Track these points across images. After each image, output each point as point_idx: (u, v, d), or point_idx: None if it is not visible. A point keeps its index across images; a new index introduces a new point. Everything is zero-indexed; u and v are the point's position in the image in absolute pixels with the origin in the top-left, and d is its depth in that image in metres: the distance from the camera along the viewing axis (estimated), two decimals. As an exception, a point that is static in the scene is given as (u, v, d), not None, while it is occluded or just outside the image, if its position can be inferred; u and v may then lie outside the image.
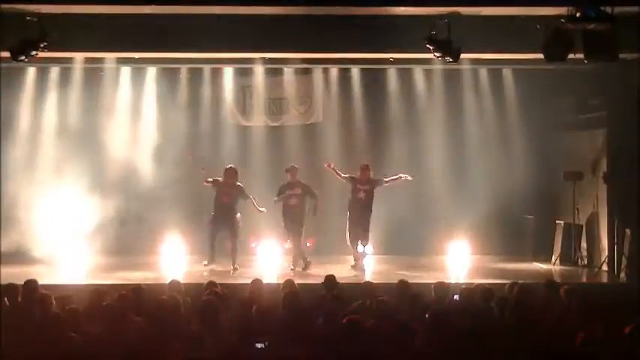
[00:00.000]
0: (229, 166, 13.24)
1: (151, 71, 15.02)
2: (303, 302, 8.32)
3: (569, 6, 9.54)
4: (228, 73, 15.29)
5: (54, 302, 8.16)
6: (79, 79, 14.71)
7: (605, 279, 12.73)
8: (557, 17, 9.79)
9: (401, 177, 13.47)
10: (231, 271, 12.83)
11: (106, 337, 6.45)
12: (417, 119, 15.43)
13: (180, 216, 14.68)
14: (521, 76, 14.89)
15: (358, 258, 13.34)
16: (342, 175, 13.48)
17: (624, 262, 12.63)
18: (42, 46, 10.57)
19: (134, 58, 13.74)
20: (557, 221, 14.51)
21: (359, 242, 13.34)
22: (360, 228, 13.33)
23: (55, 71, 14.66)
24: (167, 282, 9.58)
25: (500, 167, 15.11)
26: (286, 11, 10.70)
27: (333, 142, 15.45)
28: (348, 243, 13.47)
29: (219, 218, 13.02)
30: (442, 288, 9.18)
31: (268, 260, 13.96)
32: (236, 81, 15.43)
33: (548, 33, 10.05)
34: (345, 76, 15.37)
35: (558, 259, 14.16)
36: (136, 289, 8.79)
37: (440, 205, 15.14)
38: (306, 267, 13.15)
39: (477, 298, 8.56)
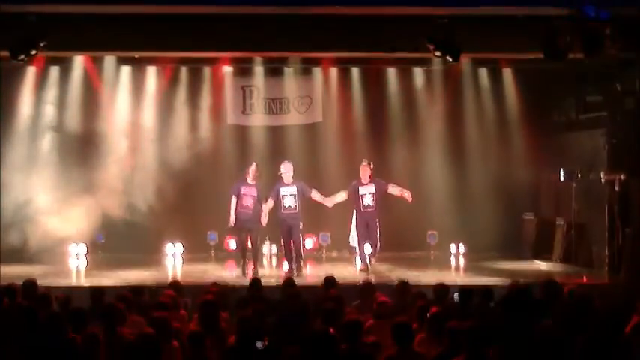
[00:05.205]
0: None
1: (151, 71, 15.01)
2: (303, 302, 8.32)
3: (569, 6, 9.55)
4: (228, 72, 15.28)
5: (54, 302, 8.17)
6: (78, 78, 14.72)
7: (605, 279, 12.72)
8: (557, 17, 9.80)
9: (404, 194, 12.87)
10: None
11: (106, 337, 6.44)
12: (417, 119, 15.42)
13: (179, 215, 14.70)
14: (522, 76, 14.88)
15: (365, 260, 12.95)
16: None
17: (624, 262, 12.61)
18: (42, 46, 10.58)
19: (134, 57, 13.74)
20: (557, 221, 14.50)
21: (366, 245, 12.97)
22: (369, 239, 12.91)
23: (54, 70, 14.65)
24: (167, 282, 9.59)
25: (500, 167, 15.10)
26: (286, 11, 10.69)
27: (333, 142, 15.44)
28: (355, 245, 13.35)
29: None
30: (442, 288, 9.18)
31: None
32: (236, 81, 15.43)
33: (548, 33, 10.05)
34: (345, 76, 15.37)
35: (558, 259, 14.17)
36: (136, 289, 8.80)
37: (440, 204, 15.13)
38: (301, 267, 12.99)
39: (477, 298, 8.54)
